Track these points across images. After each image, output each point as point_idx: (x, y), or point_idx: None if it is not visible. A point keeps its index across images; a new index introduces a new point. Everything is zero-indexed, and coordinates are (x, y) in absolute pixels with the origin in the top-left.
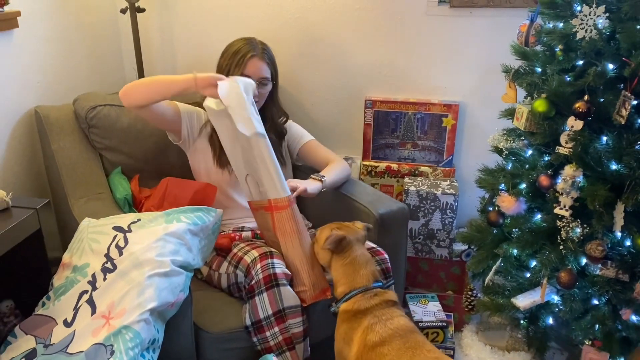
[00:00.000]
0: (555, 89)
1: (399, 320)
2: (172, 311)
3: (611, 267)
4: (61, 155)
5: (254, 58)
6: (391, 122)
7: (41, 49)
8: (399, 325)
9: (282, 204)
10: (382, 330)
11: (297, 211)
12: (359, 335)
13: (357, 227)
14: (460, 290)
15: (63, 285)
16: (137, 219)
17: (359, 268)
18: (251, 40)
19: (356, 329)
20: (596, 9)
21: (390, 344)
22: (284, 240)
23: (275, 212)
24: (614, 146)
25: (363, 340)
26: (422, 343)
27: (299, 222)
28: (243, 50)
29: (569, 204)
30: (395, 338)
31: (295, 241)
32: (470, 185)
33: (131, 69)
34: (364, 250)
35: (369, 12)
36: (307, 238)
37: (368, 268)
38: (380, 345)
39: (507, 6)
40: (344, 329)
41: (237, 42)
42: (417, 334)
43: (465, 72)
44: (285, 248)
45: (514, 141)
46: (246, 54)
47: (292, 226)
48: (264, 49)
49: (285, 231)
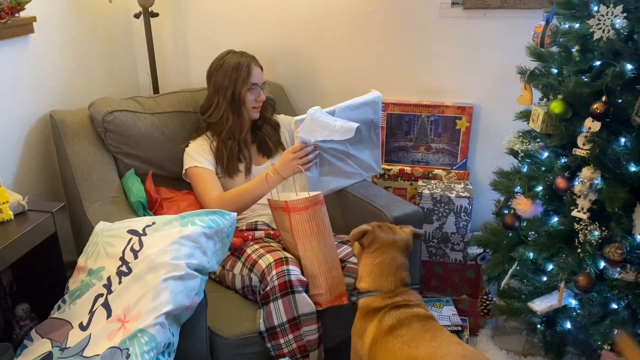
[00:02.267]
0: (572, 90)
1: (418, 309)
2: (187, 314)
3: (630, 271)
4: (76, 159)
5: (256, 66)
6: (404, 124)
7: (56, 54)
8: (418, 312)
9: (300, 205)
10: (399, 314)
11: (323, 211)
12: (374, 324)
13: (404, 231)
14: (474, 294)
15: (78, 289)
16: (152, 222)
17: (387, 273)
18: (242, 53)
19: (371, 321)
20: (614, 9)
21: (409, 326)
22: (302, 242)
23: (292, 214)
24: (633, 148)
25: (378, 326)
26: (440, 329)
27: (321, 223)
28: (243, 62)
29: (587, 207)
30: (413, 321)
31: (315, 243)
32: (484, 188)
33: (145, 74)
34: (398, 255)
35: (381, 14)
36: (329, 239)
37: (397, 275)
38: (398, 328)
39: (521, 7)
40: (360, 324)
41: (229, 58)
42: (436, 321)
43: (480, 74)
44: (303, 249)
45: (529, 143)
46: (249, 65)
47: (312, 227)
48: (252, 56)
49: (304, 232)
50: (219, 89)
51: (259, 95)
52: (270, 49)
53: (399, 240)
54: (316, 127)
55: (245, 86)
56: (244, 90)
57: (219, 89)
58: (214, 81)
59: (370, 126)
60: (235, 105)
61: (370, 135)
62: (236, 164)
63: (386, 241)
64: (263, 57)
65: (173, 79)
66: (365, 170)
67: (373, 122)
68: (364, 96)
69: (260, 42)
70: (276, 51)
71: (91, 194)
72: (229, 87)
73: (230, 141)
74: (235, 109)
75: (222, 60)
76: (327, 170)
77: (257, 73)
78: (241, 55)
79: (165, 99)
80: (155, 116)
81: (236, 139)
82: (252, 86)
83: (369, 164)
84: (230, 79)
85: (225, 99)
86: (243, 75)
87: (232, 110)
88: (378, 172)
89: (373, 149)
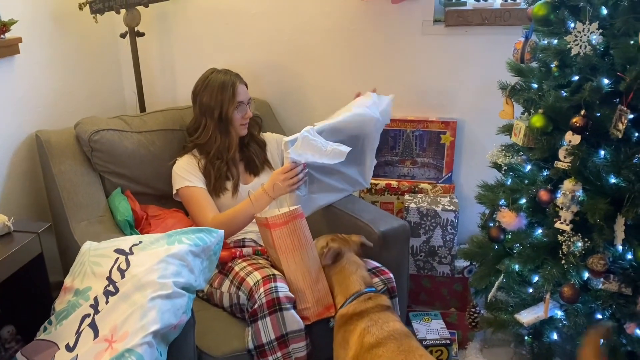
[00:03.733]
0: (552, 105)
1: (395, 324)
2: (174, 333)
3: (614, 281)
4: (62, 179)
5: (240, 84)
6: (390, 139)
7: (42, 74)
8: (395, 328)
9: (280, 220)
10: (378, 332)
11: (303, 225)
12: (355, 338)
13: (353, 239)
14: (463, 308)
15: (65, 309)
16: (139, 241)
17: (349, 274)
18: (226, 71)
19: (352, 331)
20: (589, 26)
21: (385, 346)
22: (285, 257)
23: (273, 230)
24: (612, 160)
25: (360, 342)
26: (415, 348)
27: (302, 237)
28: (227, 81)
29: (569, 218)
30: (390, 340)
31: (297, 257)
32: (470, 201)
33: (131, 93)
34: (353, 257)
35: (364, 32)
36: (311, 252)
37: (358, 273)
38: (376, 347)
39: (501, 24)
40: (341, 334)
41: (213, 77)
42: (412, 339)
43: (463, 89)
44: (287, 265)
45: (512, 157)
46: (234, 84)
47: (293, 242)
48: (236, 74)
49: (286, 248)
50: (205, 111)
51: (246, 112)
52: (255, 66)
53: (351, 243)
54: (307, 149)
55: (232, 105)
56: (230, 109)
57: (205, 111)
58: (199, 102)
59: (360, 140)
60: (223, 125)
61: (358, 149)
62: (224, 183)
63: (341, 247)
64: (249, 75)
65: (159, 97)
66: (352, 185)
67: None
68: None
69: (246, 60)
70: (262, 68)
71: (77, 214)
72: (215, 107)
73: (219, 161)
74: (224, 129)
75: (207, 80)
76: (317, 187)
77: (242, 91)
78: (225, 73)
79: (152, 117)
80: (142, 134)
81: (224, 159)
82: (239, 104)
83: (355, 179)
84: (216, 99)
85: (212, 120)
86: (229, 95)
87: (220, 131)
88: (365, 186)
89: (360, 165)
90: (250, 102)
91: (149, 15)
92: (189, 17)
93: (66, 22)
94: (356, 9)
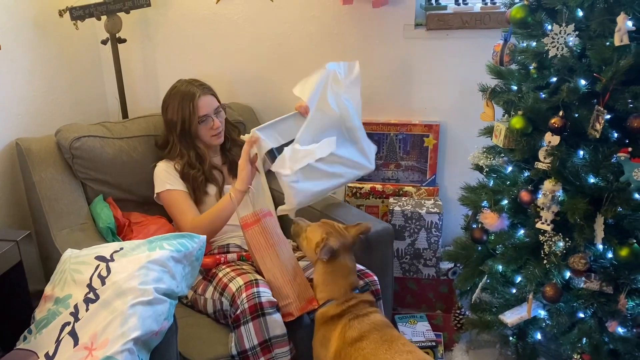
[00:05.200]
0: (531, 106)
1: (375, 315)
2: (156, 340)
3: (595, 280)
4: (43, 186)
5: (203, 96)
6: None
7: (22, 81)
8: (376, 320)
9: (250, 220)
10: (360, 325)
11: (272, 223)
12: (337, 334)
13: (351, 233)
14: (449, 309)
15: (45, 318)
16: (120, 247)
17: (339, 279)
18: (189, 82)
19: (334, 329)
20: (566, 28)
21: (368, 338)
22: (260, 255)
23: (246, 230)
24: (591, 160)
25: (342, 338)
26: (397, 337)
27: (273, 234)
28: (187, 96)
29: (550, 218)
30: (372, 332)
31: (273, 254)
32: (454, 203)
33: (114, 99)
34: (348, 259)
35: (346, 37)
36: (285, 249)
37: (348, 279)
38: (359, 340)
39: (481, 27)
40: (322, 333)
41: (175, 92)
42: (392, 329)
43: (444, 92)
44: (264, 263)
45: (494, 158)
46: (193, 98)
47: (267, 240)
48: (200, 84)
49: (259, 246)
50: (170, 127)
51: (213, 124)
52: (239, 71)
53: (349, 243)
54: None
55: (194, 122)
56: (194, 125)
57: (170, 127)
58: (165, 118)
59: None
60: (190, 140)
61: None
62: (204, 189)
63: (338, 248)
64: (232, 80)
65: (142, 103)
66: (356, 169)
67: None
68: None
69: (229, 65)
70: (245, 73)
71: (59, 222)
72: (177, 124)
73: (194, 170)
74: (191, 144)
75: (170, 94)
76: (309, 172)
77: (205, 103)
78: (188, 84)
79: (134, 123)
80: (124, 141)
81: (201, 169)
82: (203, 118)
83: (356, 161)
84: (177, 115)
85: (178, 136)
86: (189, 111)
87: (188, 146)
88: (370, 168)
89: (355, 142)
90: (221, 109)
91: (130, 21)
92: (170, 23)
93: (46, 28)
94: (338, 14)
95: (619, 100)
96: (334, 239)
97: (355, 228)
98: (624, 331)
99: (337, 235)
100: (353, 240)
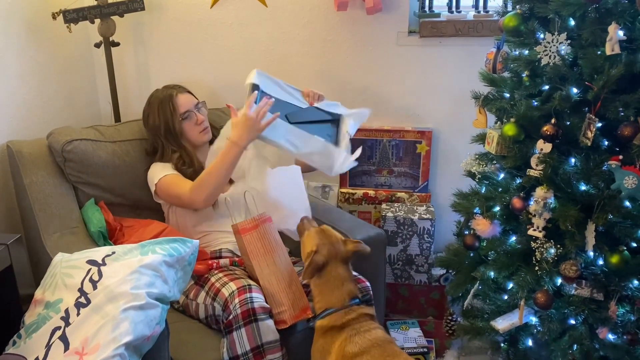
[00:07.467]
0: (524, 113)
1: (377, 332)
2: (148, 345)
3: (586, 287)
4: (34, 190)
5: (179, 95)
6: (367, 149)
7: (14, 84)
8: (377, 336)
9: (248, 225)
10: (361, 341)
11: (271, 229)
12: (336, 347)
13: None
14: (440, 316)
15: (35, 322)
16: (112, 251)
17: (334, 288)
18: (164, 87)
19: (334, 342)
20: (558, 36)
21: (369, 353)
22: (257, 261)
23: (243, 235)
24: (582, 167)
25: (341, 352)
26: (399, 353)
27: (272, 240)
28: (165, 98)
29: (541, 225)
30: (373, 348)
31: (270, 260)
32: (446, 209)
33: (106, 103)
34: (341, 269)
35: (340, 43)
36: (282, 255)
37: (344, 288)
38: (359, 356)
39: (474, 35)
40: (321, 343)
41: (153, 100)
42: (394, 345)
43: (437, 99)
44: (260, 269)
45: (486, 165)
46: (171, 97)
47: (265, 245)
48: (175, 85)
49: (257, 252)
50: (155, 132)
51: (197, 118)
52: (232, 76)
53: (342, 253)
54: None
55: (177, 120)
56: (177, 123)
57: (155, 132)
58: (148, 126)
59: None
60: (177, 140)
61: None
62: None
63: (329, 257)
64: (225, 84)
65: (135, 107)
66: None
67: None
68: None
69: (222, 70)
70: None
71: (50, 225)
72: (161, 127)
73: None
74: (178, 144)
75: (148, 103)
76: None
77: (184, 101)
78: (163, 90)
79: (127, 127)
80: (116, 144)
81: (193, 167)
82: (186, 114)
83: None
84: (159, 118)
85: (165, 139)
86: (170, 110)
87: (176, 146)
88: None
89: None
90: (201, 105)
91: (124, 24)
92: (164, 27)
93: (39, 31)
94: (332, 20)
95: (610, 109)
96: (320, 255)
97: (354, 245)
98: (615, 338)
99: (329, 248)
100: (348, 254)
